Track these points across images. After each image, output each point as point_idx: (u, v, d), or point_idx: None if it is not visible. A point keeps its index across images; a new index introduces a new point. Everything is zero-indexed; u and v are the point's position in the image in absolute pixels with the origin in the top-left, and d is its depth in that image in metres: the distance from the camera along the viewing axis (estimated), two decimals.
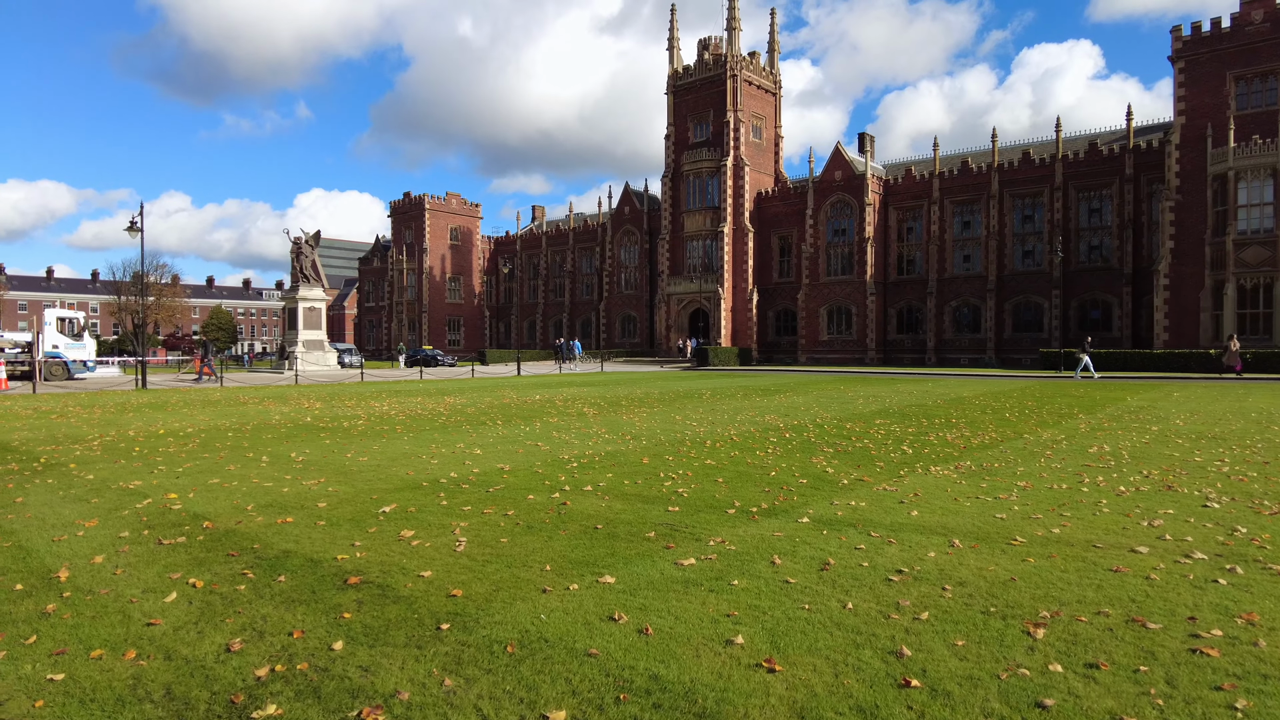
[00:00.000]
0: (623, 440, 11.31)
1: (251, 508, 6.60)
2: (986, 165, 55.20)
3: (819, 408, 17.00)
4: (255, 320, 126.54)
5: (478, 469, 8.68)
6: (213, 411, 16.11)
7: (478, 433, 12.24)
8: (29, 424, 13.54)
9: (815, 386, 25.63)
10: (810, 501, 6.96)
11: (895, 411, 16.10)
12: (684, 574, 4.76)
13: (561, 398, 20.21)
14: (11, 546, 5.39)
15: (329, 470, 8.58)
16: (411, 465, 8.94)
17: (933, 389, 24.01)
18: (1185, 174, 41.26)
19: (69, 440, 11.22)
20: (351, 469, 8.66)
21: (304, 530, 5.82)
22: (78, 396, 21.18)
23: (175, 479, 7.99)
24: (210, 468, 8.72)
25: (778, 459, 9.49)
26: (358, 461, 9.22)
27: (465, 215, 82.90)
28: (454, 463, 9.14)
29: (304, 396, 20.95)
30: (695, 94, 64.19)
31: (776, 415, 15.20)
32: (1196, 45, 40.69)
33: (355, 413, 15.74)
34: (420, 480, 7.95)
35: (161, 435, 11.88)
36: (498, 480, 7.97)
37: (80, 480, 7.90)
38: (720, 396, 20.72)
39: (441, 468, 8.77)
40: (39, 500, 6.93)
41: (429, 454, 9.84)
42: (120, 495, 7.14)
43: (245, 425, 13.33)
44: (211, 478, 8.07)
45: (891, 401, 18.79)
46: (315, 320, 38.24)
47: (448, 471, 8.49)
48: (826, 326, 59.85)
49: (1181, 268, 41.24)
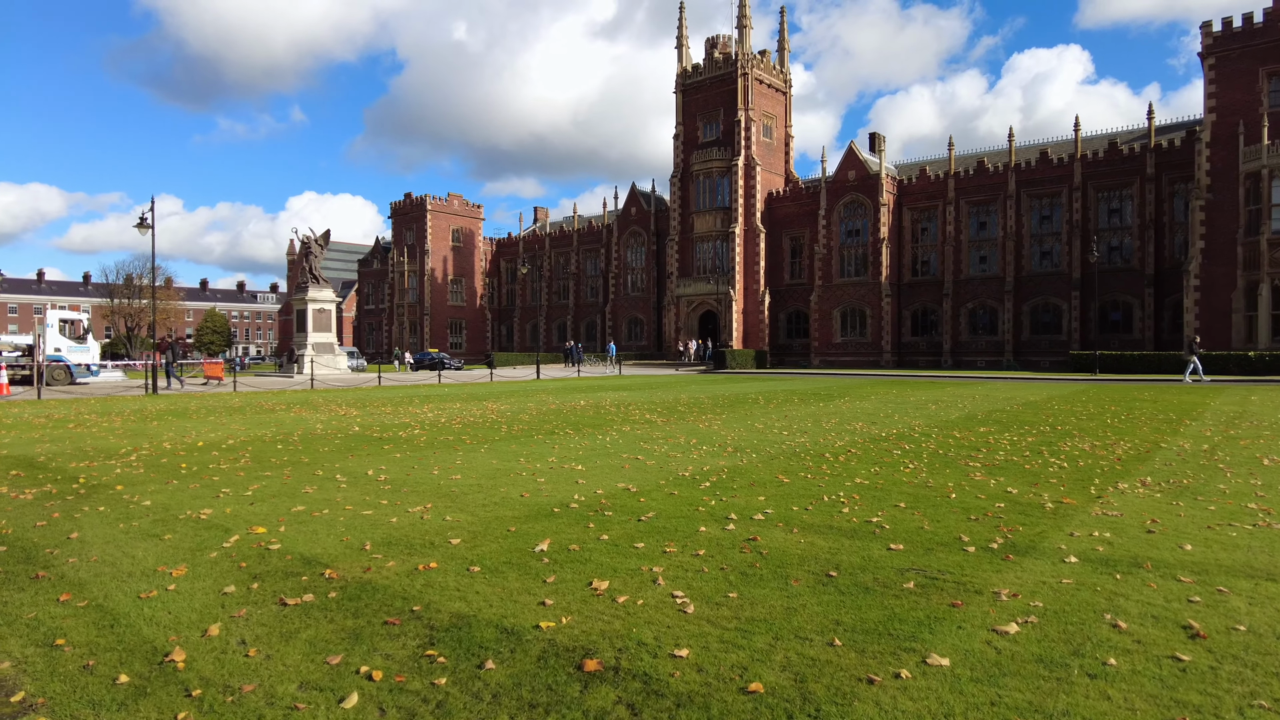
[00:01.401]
0: (727, 453, 10.02)
1: (369, 546, 5.28)
2: (1003, 165, 54.29)
3: (897, 414, 15.76)
4: (250, 324, 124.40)
5: (600, 490, 7.38)
6: (244, 420, 14.73)
7: (558, 444, 10.92)
8: (48, 435, 12.13)
9: (864, 391, 24.42)
10: (1044, 533, 5.71)
11: (986, 418, 14.88)
12: (1022, 649, 3.50)
13: (609, 403, 18.90)
14: (90, 608, 4.07)
15: (426, 492, 7.26)
16: (517, 485, 7.63)
17: (990, 393, 22.82)
18: (1216, 172, 40.37)
19: (100, 455, 9.84)
20: (452, 491, 7.34)
21: (459, 580, 4.51)
22: (88, 403, 19.72)
23: (249, 505, 6.65)
24: (282, 490, 7.39)
25: (930, 474, 8.24)
26: (451, 481, 7.90)
27: (467, 216, 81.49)
28: (563, 482, 7.84)
29: (332, 402, 19.56)
30: (705, 93, 63.08)
31: (864, 422, 13.95)
32: (1227, 41, 39.83)
33: (402, 420, 14.39)
34: (547, 505, 6.65)
35: (202, 448, 10.52)
36: (636, 505, 6.68)
37: (137, 508, 6.56)
38: (777, 402, 19.47)
39: (555, 488, 7.46)
40: (98, 536, 5.59)
41: (526, 470, 8.53)
42: (195, 529, 5.81)
43: (289, 436, 11.97)
44: (292, 503, 6.74)
45: (966, 407, 17.58)
46: (325, 322, 36.77)
47: (568, 493, 7.19)
48: (840, 329, 58.78)
49: (1213, 268, 40.32)
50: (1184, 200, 48.25)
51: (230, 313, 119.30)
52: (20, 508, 6.61)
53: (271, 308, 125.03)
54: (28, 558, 5.07)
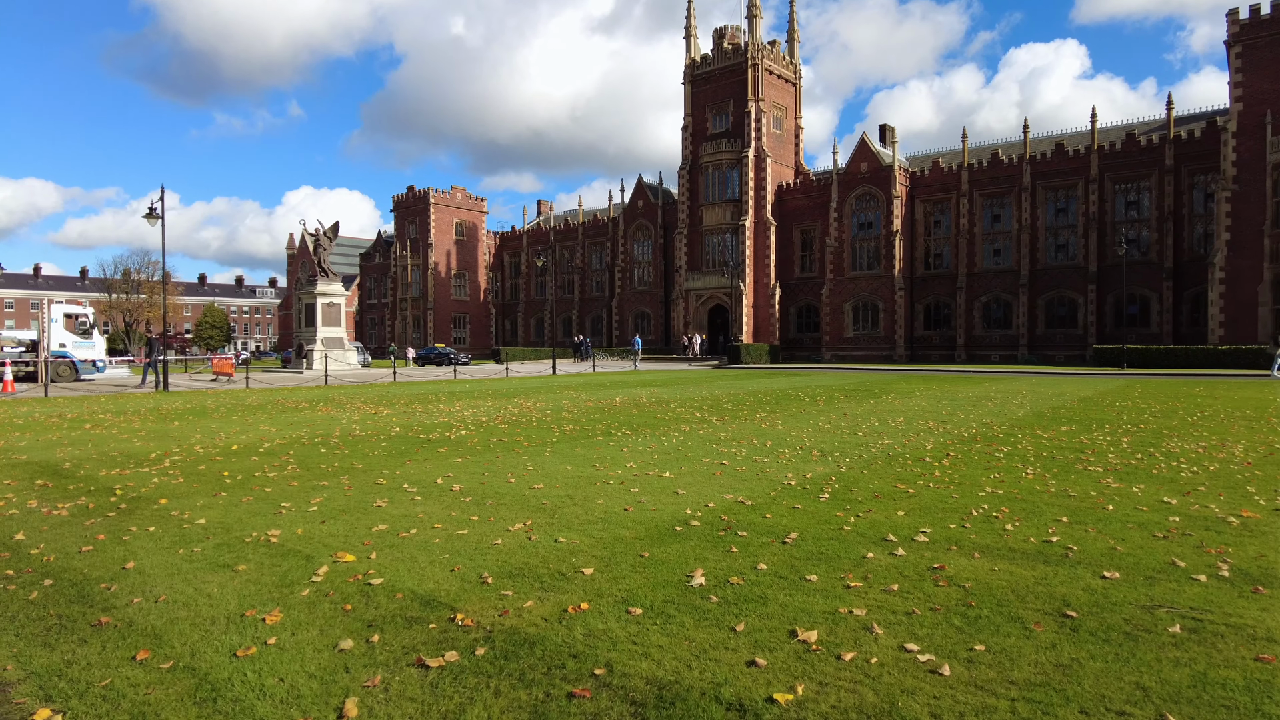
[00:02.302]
0: (815, 457, 9.17)
1: (490, 578, 4.41)
2: (1018, 157, 53.46)
3: (960, 412, 14.92)
4: (249, 319, 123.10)
5: (710, 503, 6.52)
6: (270, 419, 13.82)
7: (624, 446, 10.05)
8: (65, 437, 11.22)
9: (903, 386, 23.58)
10: (1264, 555, 4.87)
11: (1055, 416, 14.04)
12: None
13: (646, 400, 18.01)
14: (178, 671, 3.19)
15: (514, 505, 6.39)
16: (612, 496, 6.77)
17: (1034, 388, 21.98)
18: (1242, 163, 39.58)
19: (130, 460, 8.95)
20: (543, 504, 6.47)
21: (626, 628, 3.65)
22: (99, 400, 18.78)
23: (320, 524, 5.78)
24: (350, 504, 6.51)
25: (1058, 482, 7.39)
26: (534, 491, 7.03)
27: (470, 210, 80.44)
28: (661, 493, 6.98)
29: (355, 400, 18.65)
30: (714, 84, 62.10)
31: (933, 421, 13.11)
32: (1255, 29, 39.01)
33: (440, 419, 13.50)
34: (663, 523, 5.78)
35: (238, 453, 9.63)
36: (764, 523, 5.83)
37: (192, 528, 5.68)
38: (823, 399, 18.62)
39: (657, 501, 6.60)
40: (158, 565, 4.72)
41: (610, 478, 7.66)
42: (269, 556, 4.93)
43: (328, 438, 11.08)
44: (369, 521, 5.87)
45: (1024, 403, 16.74)
46: (335, 316, 35.80)
47: (676, 507, 6.33)
48: (852, 323, 58.00)
49: (1238, 260, 39.56)
50: (1204, 192, 47.51)
51: (229, 308, 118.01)
52: (58, 527, 5.72)
53: (270, 302, 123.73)
54: (82, 595, 4.20)
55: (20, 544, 5.25)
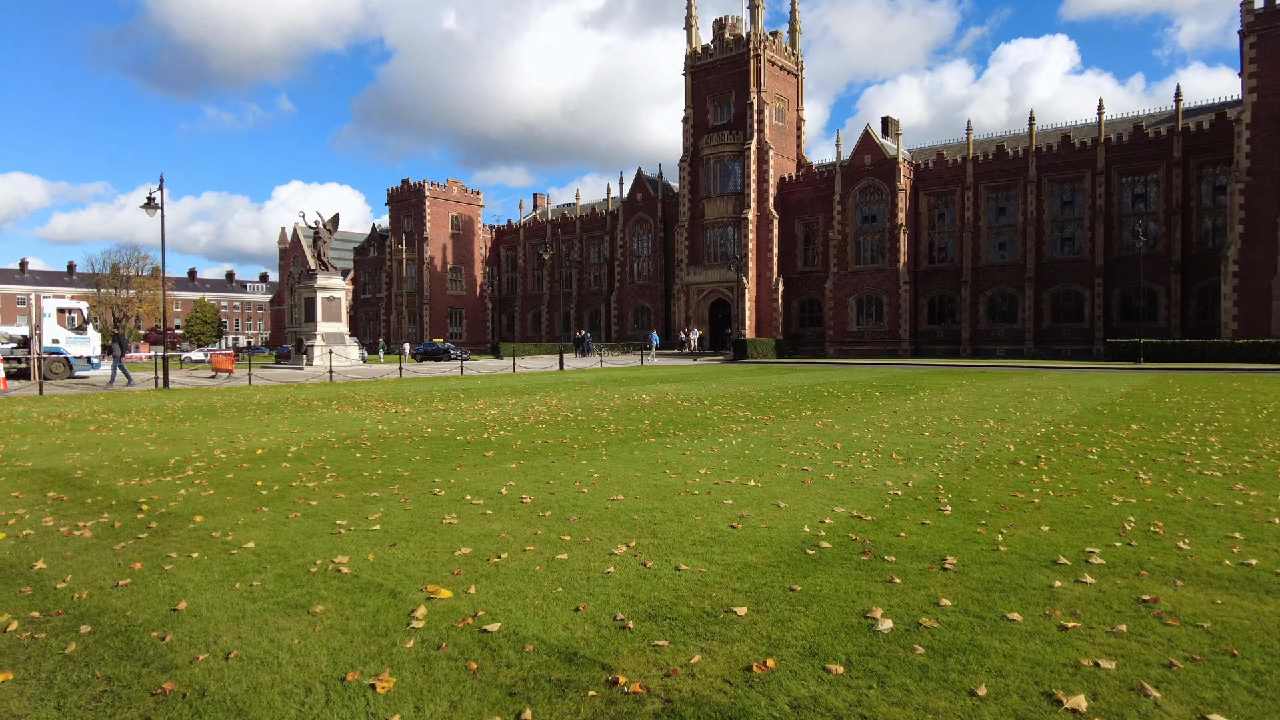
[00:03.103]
0: (899, 462, 8.42)
1: (629, 621, 3.63)
2: (1023, 149, 52.92)
3: (1012, 409, 14.22)
4: (240, 314, 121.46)
5: (825, 519, 5.75)
6: (288, 420, 12.97)
7: (686, 449, 9.26)
8: (71, 440, 10.35)
9: (934, 382, 22.88)
10: None
11: (1114, 413, 13.36)
12: None
13: (675, 396, 17.22)
14: None
15: (601, 520, 5.60)
16: (707, 510, 5.99)
17: (1067, 384, 21.31)
18: (1256, 155, 39.12)
19: (148, 468, 8.11)
20: (632, 519, 5.69)
21: (838, 694, 2.88)
22: (97, 399, 17.84)
23: (391, 548, 4.97)
24: (416, 521, 5.71)
25: (1184, 489, 6.67)
26: (614, 503, 6.24)
27: (466, 203, 79.34)
28: (760, 505, 6.21)
29: (369, 397, 17.79)
30: (715, 75, 61.26)
31: (993, 420, 12.38)
32: (1270, 19, 38.50)
33: (469, 419, 12.68)
34: (787, 544, 5.00)
35: (264, 457, 8.80)
36: (902, 544, 5.07)
37: (242, 553, 4.86)
38: (859, 395, 17.90)
39: (762, 515, 5.83)
40: (216, 605, 3.91)
41: (693, 487, 6.88)
42: (347, 590, 4.13)
43: (357, 440, 10.26)
44: (446, 543, 5.07)
45: (1071, 400, 16.06)
46: (335, 311, 34.83)
47: (790, 524, 5.55)
48: (855, 317, 57.39)
49: (1252, 254, 39.13)
50: (1212, 184, 47.09)
51: (220, 303, 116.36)
52: (83, 552, 4.90)
53: (262, 297, 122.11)
54: (130, 647, 3.39)
55: (43, 575, 4.43)
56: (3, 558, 4.80)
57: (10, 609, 3.89)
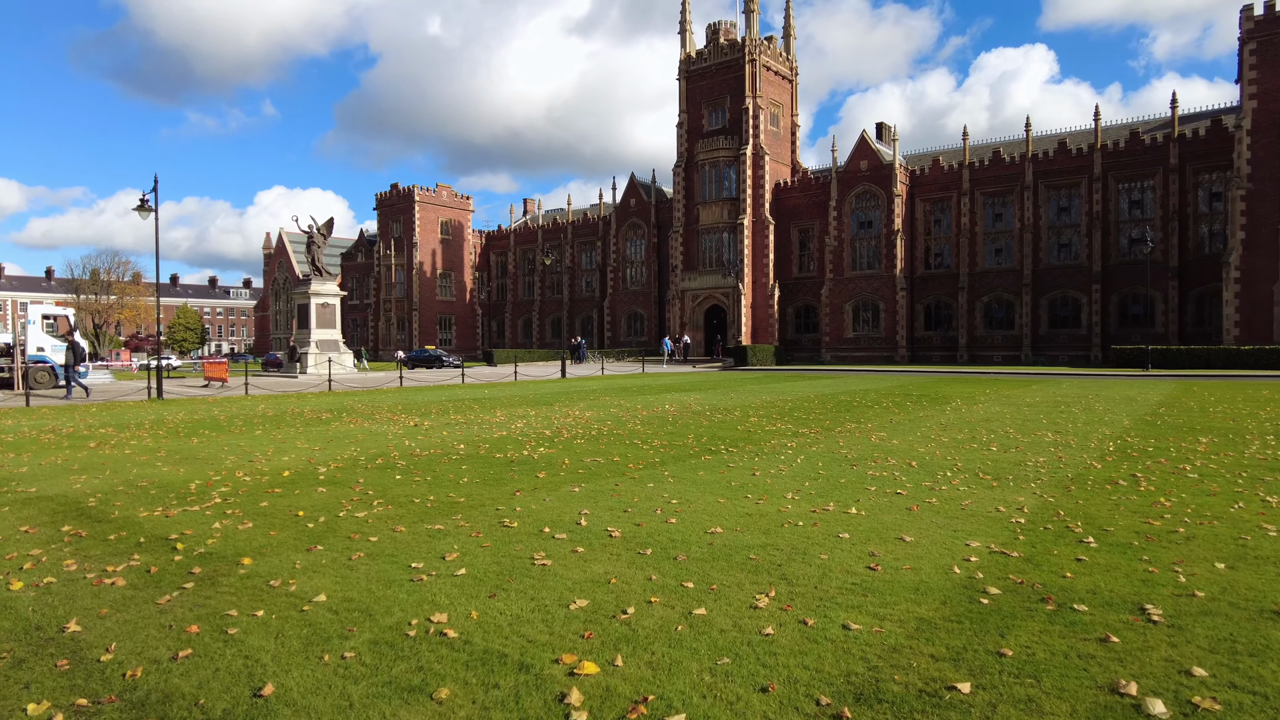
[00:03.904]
0: (990, 483, 7.75)
1: (842, 708, 2.92)
2: (1020, 155, 52.88)
3: (1064, 420, 13.64)
4: (223, 320, 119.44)
5: (970, 556, 5.05)
6: (303, 435, 12.12)
7: (751, 468, 8.55)
8: (73, 460, 9.47)
9: (959, 391, 22.32)
10: None
11: (1172, 425, 12.81)
12: None
13: (699, 407, 16.51)
14: None
15: (715, 560, 4.87)
16: (827, 546, 5.28)
17: (1096, 391, 20.82)
18: (1257, 161, 39.11)
19: (168, 494, 7.28)
20: (749, 557, 4.96)
21: None
22: (89, 411, 16.85)
23: (490, 599, 4.22)
24: (502, 561, 4.94)
25: None
26: (715, 536, 5.51)
27: (456, 208, 78.40)
28: (878, 539, 5.51)
29: (380, 409, 16.93)
30: (710, 79, 60.82)
31: (1049, 431, 11.77)
32: (1270, 25, 38.56)
33: (496, 433, 11.89)
34: (947, 590, 4.29)
35: (294, 480, 7.99)
36: (1077, 588, 4.38)
37: (314, 608, 4.09)
38: (891, 406, 17.28)
39: (890, 552, 5.13)
40: (307, 687, 3.14)
41: (791, 516, 6.16)
42: (465, 665, 3.38)
43: (388, 458, 9.46)
44: (555, 592, 4.32)
45: (1112, 410, 15.53)
46: (329, 318, 33.84)
47: (930, 561, 4.86)
48: (852, 323, 57.04)
49: (1253, 260, 39.09)
50: (1208, 191, 47.21)
51: (202, 309, 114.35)
52: (121, 608, 4.10)
53: (246, 303, 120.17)
54: None
55: (80, 642, 3.64)
56: (26, 615, 4.00)
57: (48, 693, 3.12)
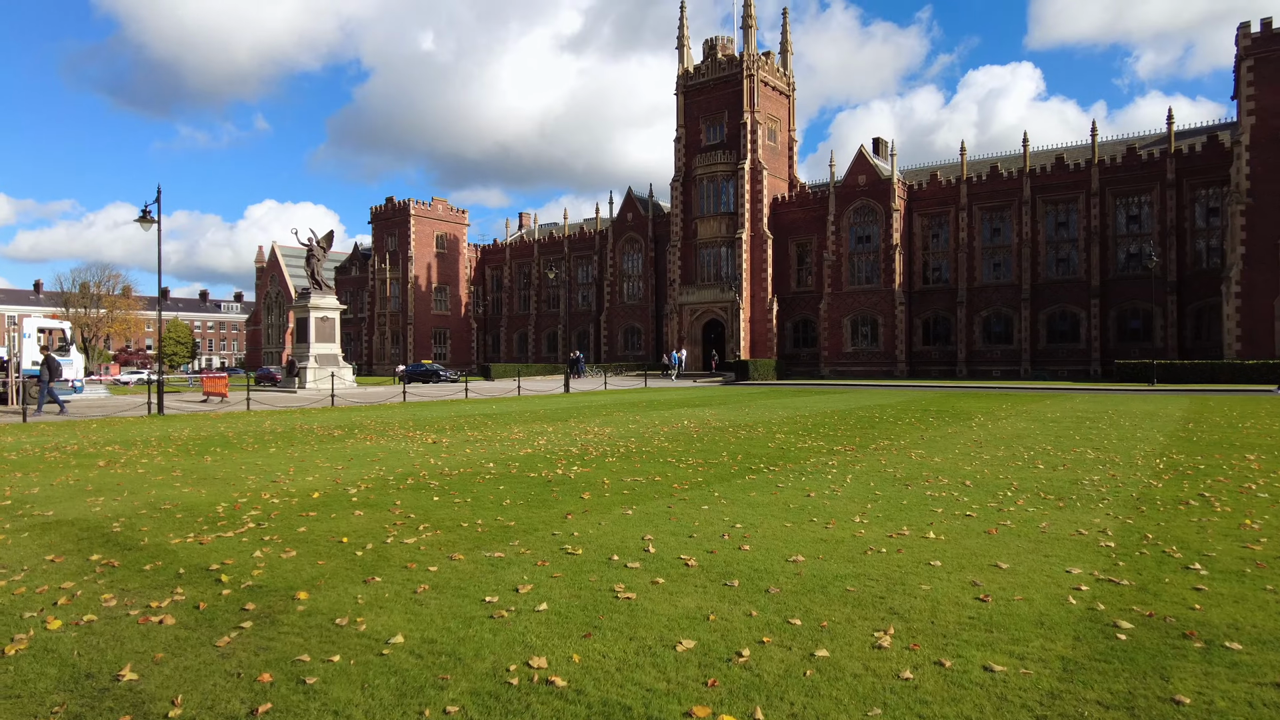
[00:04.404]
0: (1057, 504, 7.43)
1: None
2: (1017, 170, 53.10)
3: (1090, 434, 13.36)
4: (214, 334, 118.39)
5: (1079, 586, 4.70)
6: (321, 453, 11.68)
7: (805, 488, 8.19)
8: (85, 480, 9.01)
9: (966, 405, 22.06)
10: None
11: (1206, 440, 12.55)
12: None
13: (719, 423, 16.16)
14: None
15: (807, 593, 4.50)
16: (922, 575, 4.92)
17: (1108, 406, 20.59)
18: (1256, 176, 39.31)
19: (195, 518, 6.85)
20: (846, 589, 4.60)
21: None
22: (90, 427, 16.33)
23: (584, 639, 3.84)
24: (581, 594, 4.55)
25: None
26: (797, 566, 5.14)
27: (451, 222, 78.10)
28: (970, 567, 5.16)
29: (394, 425, 16.48)
30: (707, 95, 60.92)
31: (1088, 448, 11.47)
32: (1268, 42, 38.87)
33: (521, 451, 11.49)
34: (1073, 624, 3.94)
35: (325, 502, 7.58)
36: (1213, 624, 4.05)
37: (394, 651, 3.69)
38: (913, 421, 16.97)
39: (988, 580, 4.77)
40: None
41: (868, 541, 5.80)
42: (577, 717, 3.01)
43: (418, 478, 9.04)
44: (653, 630, 3.94)
45: (1139, 425, 15.28)
46: (329, 332, 33.36)
47: (1041, 594, 4.50)
48: (851, 338, 56.92)
49: (1254, 274, 39.19)
50: (1205, 206, 47.49)
51: (193, 323, 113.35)
52: (177, 651, 3.70)
53: (237, 318, 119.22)
54: None
55: (141, 694, 3.24)
56: (73, 661, 3.60)
57: None
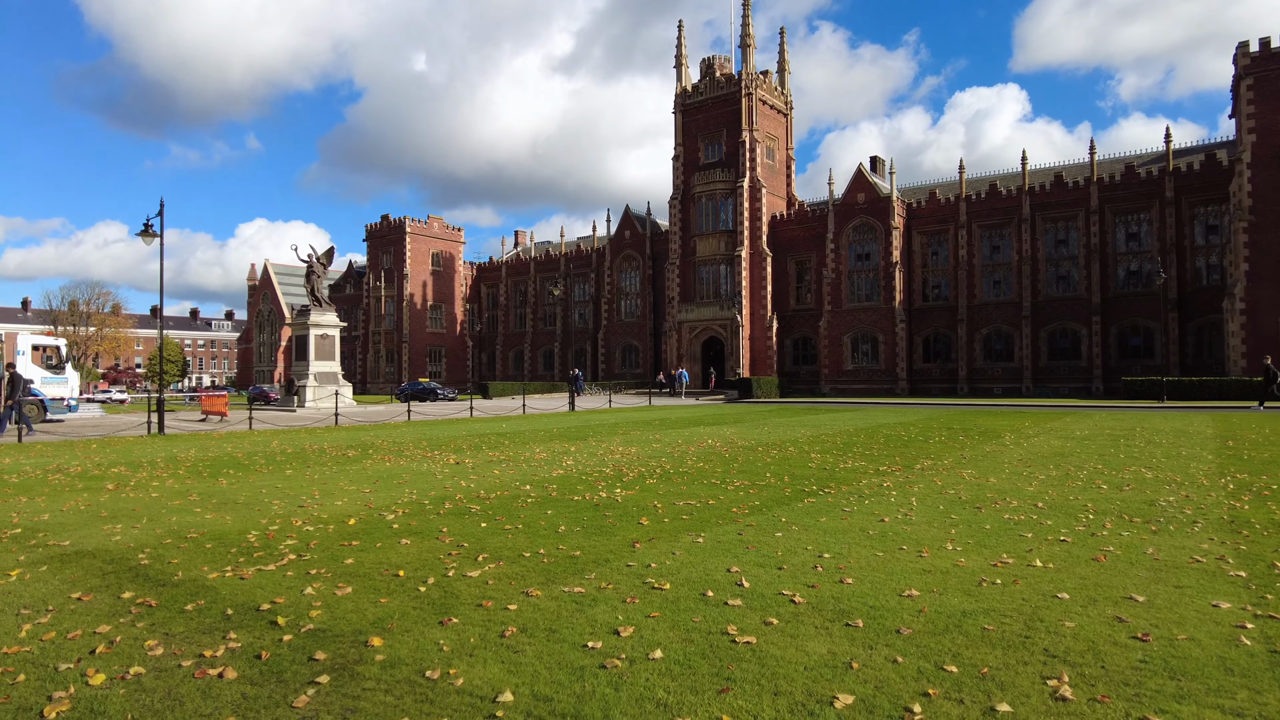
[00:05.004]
0: (1149, 528, 6.97)
1: None
2: (1016, 188, 53.23)
3: (1135, 453, 12.93)
4: (205, 352, 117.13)
5: (1244, 624, 4.23)
6: (341, 474, 11.08)
7: (872, 511, 7.68)
8: (96, 504, 8.40)
9: (989, 423, 21.64)
10: None
11: (1259, 459, 12.14)
12: None
13: (744, 442, 15.65)
14: None
15: (957, 636, 3.98)
16: (1074, 615, 4.42)
17: (1134, 423, 20.20)
18: (1258, 194, 39.40)
19: (226, 548, 6.27)
20: (983, 629, 4.09)
21: None
22: (91, 448, 15.66)
23: (720, 695, 3.31)
24: (693, 639, 4.02)
25: None
26: (916, 602, 4.63)
27: (447, 240, 77.69)
28: (1108, 599, 4.66)
29: (408, 445, 15.88)
30: (705, 113, 60.98)
31: (1140, 466, 11.04)
32: (1267, 61, 39.13)
33: (552, 472, 10.93)
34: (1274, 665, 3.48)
35: (361, 530, 7.01)
36: None
37: (507, 714, 3.15)
38: (942, 439, 16.52)
39: (1135, 615, 4.27)
40: None
41: (979, 574, 5.28)
42: None
43: (455, 502, 8.49)
44: (802, 682, 3.39)
45: (1181, 443, 14.86)
46: (329, 350, 32.72)
47: (1205, 634, 4.02)
48: (851, 355, 56.66)
49: (1258, 291, 39.16)
50: (1204, 224, 47.65)
51: (183, 341, 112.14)
52: (247, 713, 3.14)
53: (228, 336, 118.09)
54: None
55: None
56: None
57: None
